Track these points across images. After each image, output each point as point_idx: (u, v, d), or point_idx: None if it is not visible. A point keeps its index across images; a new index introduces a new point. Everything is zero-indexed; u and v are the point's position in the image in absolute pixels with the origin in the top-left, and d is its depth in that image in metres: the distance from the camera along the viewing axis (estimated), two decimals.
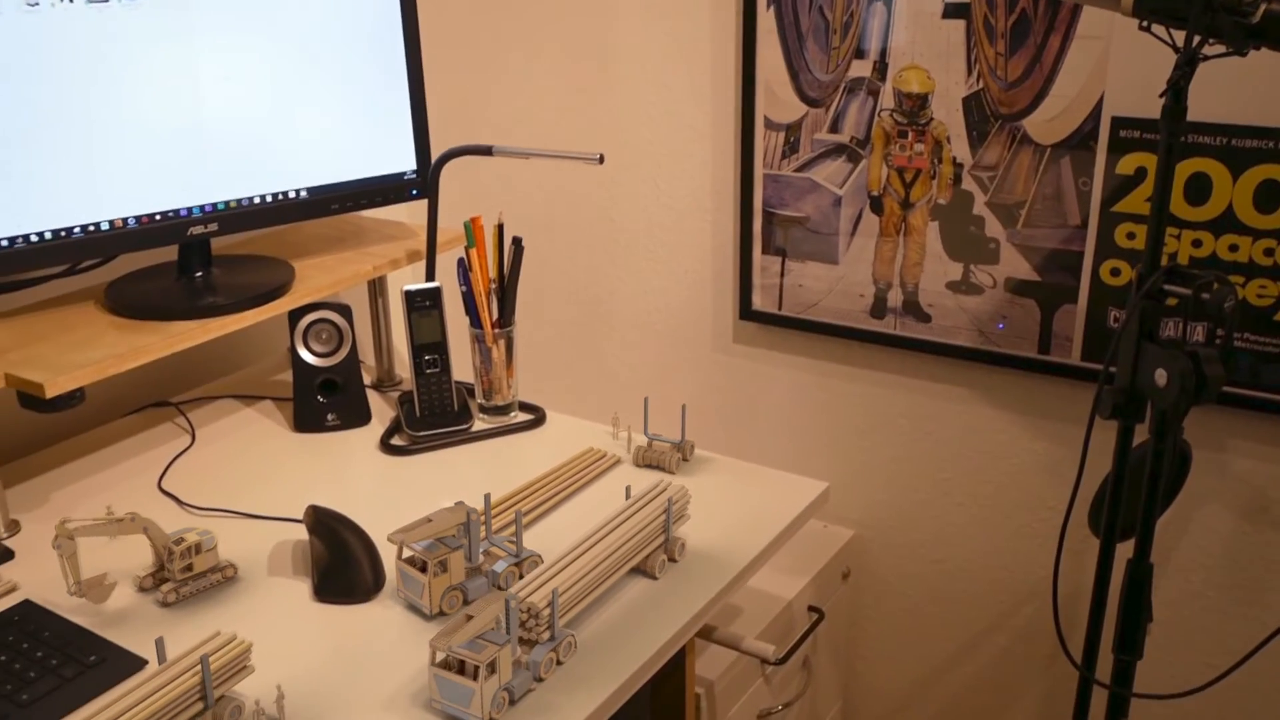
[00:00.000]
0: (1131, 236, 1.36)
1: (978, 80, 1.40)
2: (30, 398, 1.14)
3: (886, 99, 1.47)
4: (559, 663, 0.99)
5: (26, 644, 1.00)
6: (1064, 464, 1.51)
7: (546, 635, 0.98)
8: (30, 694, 0.93)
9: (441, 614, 1.05)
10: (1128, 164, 1.34)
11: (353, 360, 1.43)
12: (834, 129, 1.52)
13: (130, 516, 1.04)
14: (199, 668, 0.88)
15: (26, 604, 1.06)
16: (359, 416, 1.44)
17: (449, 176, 1.90)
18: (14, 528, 1.21)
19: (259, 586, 1.11)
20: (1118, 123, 1.33)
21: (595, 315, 1.85)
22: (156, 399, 1.55)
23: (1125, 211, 1.36)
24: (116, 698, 0.85)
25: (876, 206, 1.51)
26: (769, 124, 1.56)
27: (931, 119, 1.44)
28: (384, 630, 1.04)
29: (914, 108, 1.45)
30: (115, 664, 0.98)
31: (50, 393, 1.12)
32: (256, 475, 1.32)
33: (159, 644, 0.89)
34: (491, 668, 0.91)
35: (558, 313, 1.89)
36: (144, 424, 1.46)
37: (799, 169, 1.56)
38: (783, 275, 1.62)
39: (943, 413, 1.58)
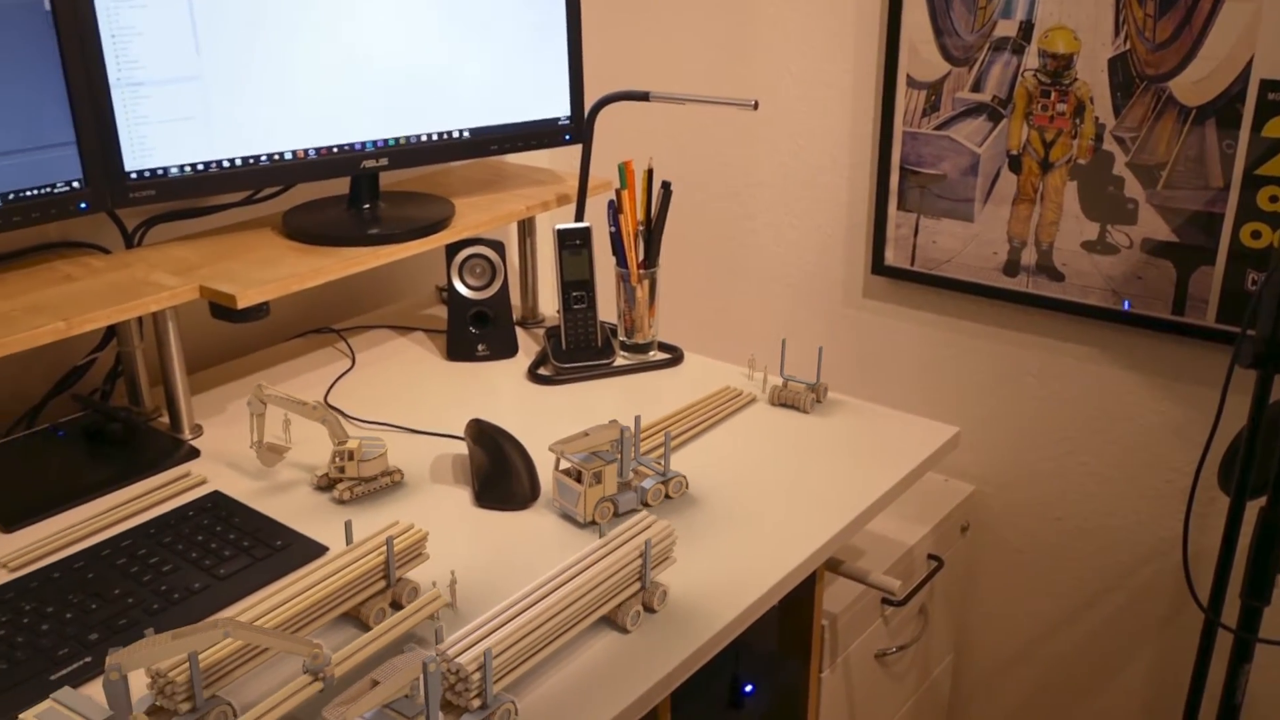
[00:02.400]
0: (1275, 200, 1.37)
1: (1125, 41, 1.42)
2: (221, 309, 1.24)
3: (1031, 59, 1.49)
4: None
5: (219, 528, 1.10)
6: (1192, 427, 1.52)
7: (477, 703, 0.84)
8: (226, 569, 1.03)
9: (593, 523, 1.12)
10: (1275, 127, 1.35)
11: (504, 295, 1.51)
12: (976, 88, 1.54)
13: (315, 404, 1.13)
14: (384, 549, 0.96)
15: (216, 494, 1.16)
16: (507, 348, 1.52)
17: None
18: (197, 431, 1.32)
19: (423, 492, 1.19)
20: (1266, 85, 1.34)
21: (729, 267, 1.90)
22: (318, 325, 1.65)
23: (1270, 174, 1.36)
24: (309, 572, 0.94)
25: (1015, 165, 1.54)
26: (911, 82, 1.60)
27: (1076, 79, 1.46)
28: (539, 536, 1.11)
29: (1059, 68, 1.47)
30: (300, 548, 1.07)
31: (241, 304, 1.21)
32: (412, 397, 1.41)
33: (348, 526, 0.97)
34: None
35: (693, 262, 1.96)
36: (307, 347, 1.56)
37: (938, 127, 1.59)
38: (916, 231, 1.65)
39: (1071, 372, 1.60)
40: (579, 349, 1.48)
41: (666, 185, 1.43)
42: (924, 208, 1.63)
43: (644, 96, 1.40)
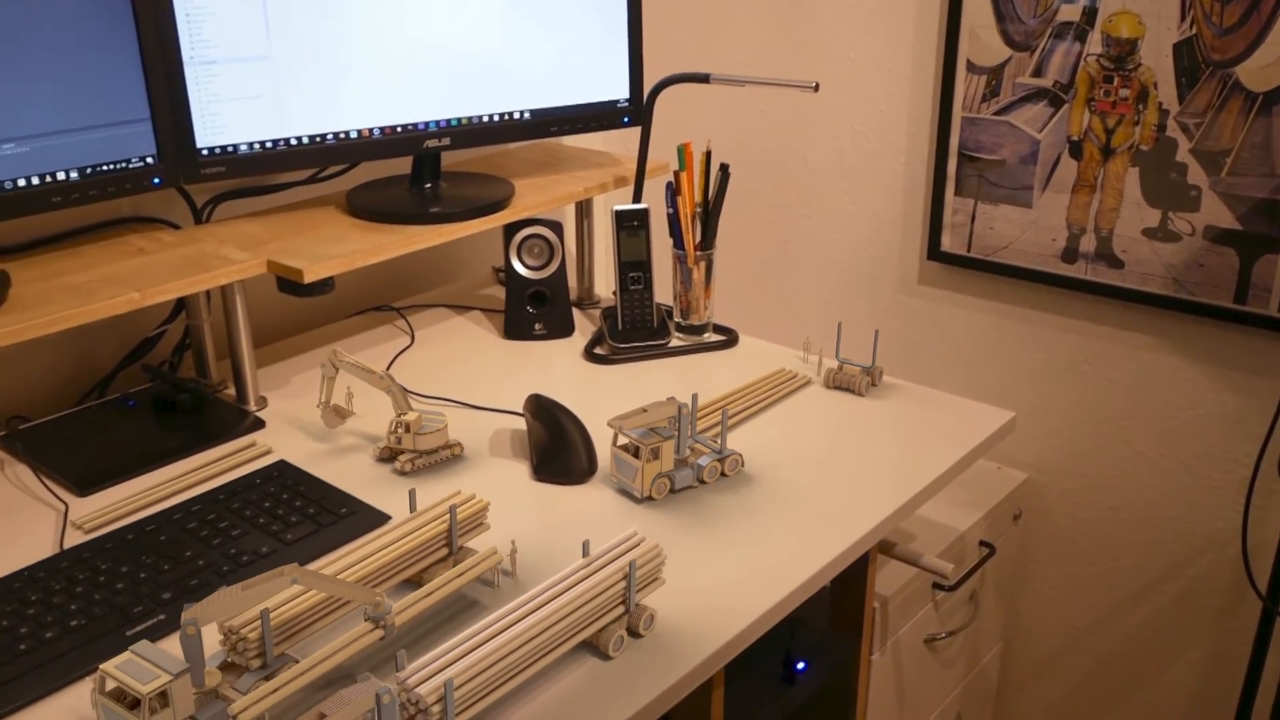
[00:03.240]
0: None
1: (1190, 26, 1.40)
2: (287, 283, 1.27)
3: (1093, 44, 1.48)
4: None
5: (285, 495, 1.12)
6: (1251, 417, 1.51)
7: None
8: (293, 535, 1.06)
9: (650, 498, 1.14)
10: None
11: (561, 275, 1.53)
12: (1037, 73, 1.54)
13: (382, 374, 1.16)
14: (447, 517, 0.98)
15: (282, 463, 1.19)
16: (563, 328, 1.54)
17: None
18: (262, 403, 1.35)
19: (482, 465, 1.21)
20: None
21: (782, 251, 1.91)
22: (378, 304, 1.68)
23: None
24: (373, 539, 0.96)
25: (1076, 151, 1.53)
26: (971, 67, 1.59)
27: (1139, 65, 1.45)
28: (597, 509, 1.13)
29: (1122, 53, 1.46)
30: (364, 516, 1.09)
31: (308, 278, 1.24)
32: (470, 374, 1.43)
33: (412, 494, 1.00)
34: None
35: (746, 246, 1.96)
36: (367, 324, 1.59)
37: (998, 112, 1.58)
38: (974, 217, 1.65)
39: (1128, 360, 1.59)
40: (635, 329, 1.49)
41: (725, 167, 1.44)
42: (982, 193, 1.63)
43: (704, 79, 1.41)
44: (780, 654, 1.21)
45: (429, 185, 1.48)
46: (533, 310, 1.53)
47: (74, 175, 1.18)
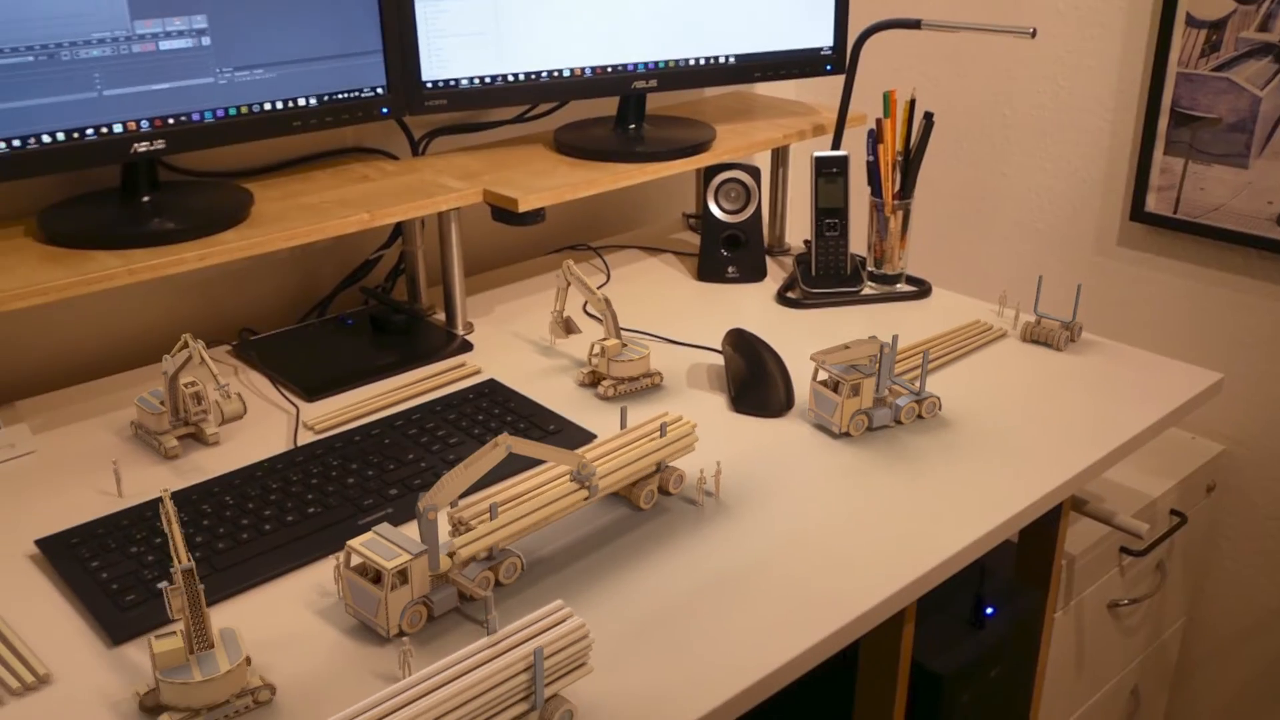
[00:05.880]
0: None
1: None
2: (501, 212, 1.32)
3: None
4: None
5: (497, 410, 1.18)
6: None
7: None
8: None
9: (846, 434, 1.15)
10: None
11: (756, 219, 1.55)
12: (1263, 28, 1.47)
13: (601, 295, 1.22)
14: (658, 434, 1.02)
15: (492, 382, 1.25)
16: (756, 272, 1.56)
17: None
18: (469, 328, 1.41)
19: (681, 395, 1.25)
20: None
21: (975, 208, 1.88)
22: (572, 243, 1.73)
23: None
24: (588, 450, 1.01)
25: None
26: (1191, 21, 1.54)
27: None
28: (794, 442, 1.15)
29: None
30: (571, 433, 1.14)
31: (522, 208, 1.29)
32: (665, 312, 1.46)
33: (623, 412, 1.04)
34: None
35: (938, 200, 1.94)
36: (560, 262, 1.64)
37: (1217, 68, 1.53)
38: (1183, 178, 1.60)
39: None
40: (827, 276, 1.50)
41: (929, 116, 1.43)
42: (1193, 153, 1.58)
43: (915, 24, 1.40)
44: (970, 598, 1.21)
45: (633, 126, 1.51)
46: (727, 253, 1.55)
47: (312, 102, 1.26)
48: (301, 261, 1.47)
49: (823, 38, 1.53)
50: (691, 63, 1.47)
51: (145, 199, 1.22)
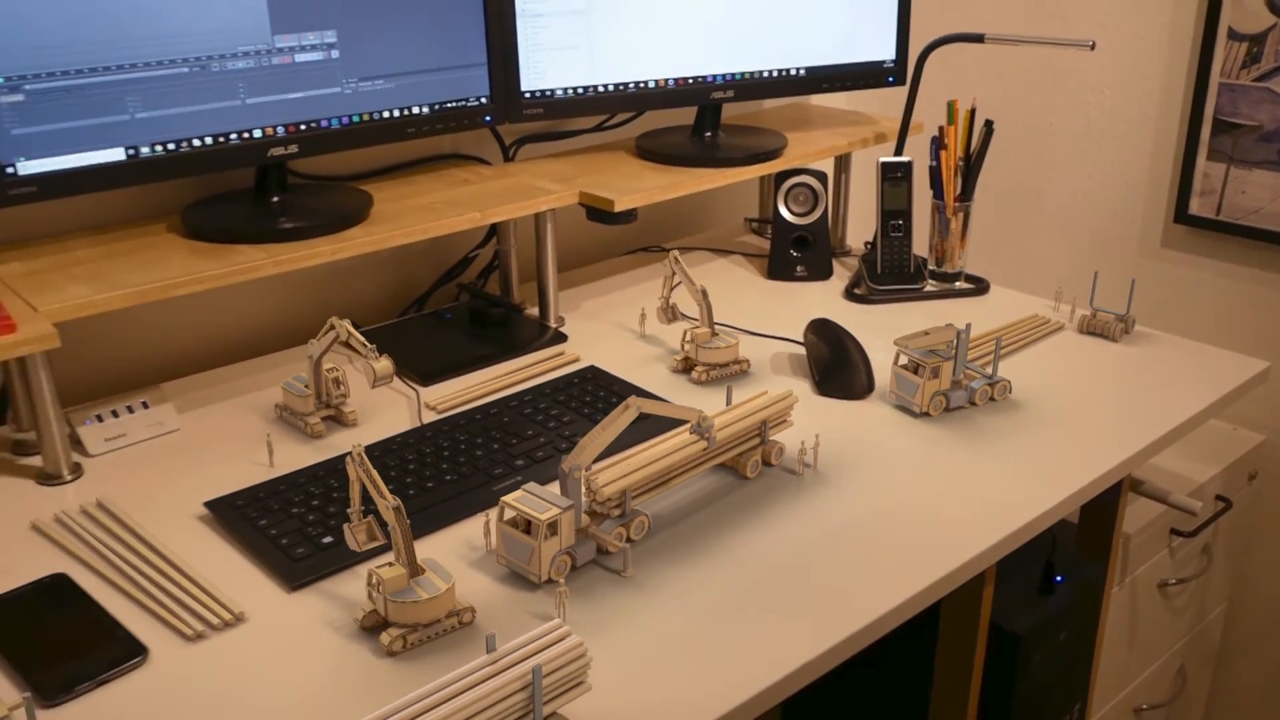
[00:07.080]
0: None
1: None
2: (596, 212, 1.42)
3: None
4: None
5: (601, 393, 1.28)
6: None
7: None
8: None
9: (926, 414, 1.25)
10: None
11: (823, 222, 1.65)
12: None
13: (700, 286, 1.32)
14: (760, 411, 1.12)
15: (593, 367, 1.35)
16: (823, 271, 1.66)
17: None
18: (561, 321, 1.51)
19: (767, 381, 1.34)
20: None
21: (1024, 213, 1.98)
22: (645, 245, 1.83)
23: None
24: (681, 432, 1.10)
25: None
26: (1232, 34, 1.64)
27: None
28: (877, 422, 1.25)
29: None
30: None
31: (618, 208, 1.39)
32: (740, 307, 1.56)
33: (729, 390, 1.13)
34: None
35: (988, 204, 2.04)
36: (637, 262, 1.74)
37: (1258, 79, 1.62)
38: (1225, 181, 1.69)
39: None
40: (892, 273, 1.60)
41: (989, 124, 1.53)
42: (1235, 158, 1.67)
43: (979, 39, 1.50)
44: (1041, 565, 1.31)
45: (709, 134, 1.62)
46: (795, 253, 1.65)
47: (425, 110, 1.36)
48: (401, 261, 1.57)
49: (885, 51, 1.64)
50: (765, 74, 1.58)
51: (275, 199, 1.32)
